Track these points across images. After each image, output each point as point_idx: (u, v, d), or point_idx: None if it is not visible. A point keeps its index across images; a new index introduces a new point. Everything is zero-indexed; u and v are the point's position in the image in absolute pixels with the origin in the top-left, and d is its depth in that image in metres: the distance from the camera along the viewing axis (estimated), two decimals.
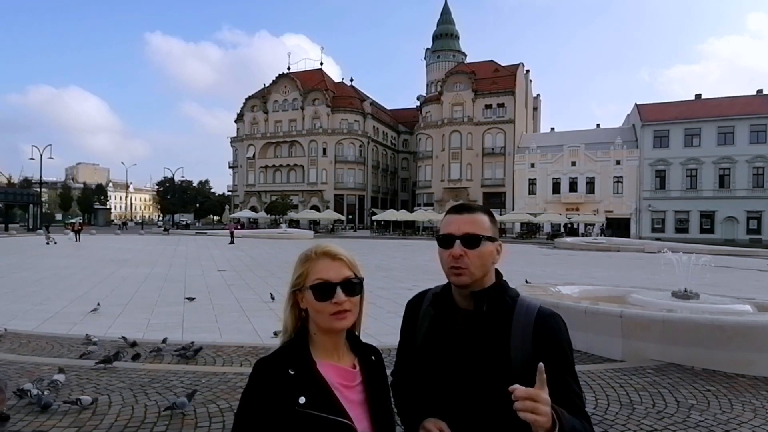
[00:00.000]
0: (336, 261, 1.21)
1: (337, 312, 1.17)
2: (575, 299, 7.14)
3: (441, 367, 1.32)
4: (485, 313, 1.31)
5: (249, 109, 72.35)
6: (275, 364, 1.17)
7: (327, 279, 1.18)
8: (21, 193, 55.03)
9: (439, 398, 1.32)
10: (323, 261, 1.21)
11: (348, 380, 1.20)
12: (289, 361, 1.17)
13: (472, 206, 1.40)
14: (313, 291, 1.18)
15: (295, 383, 1.14)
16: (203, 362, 5.64)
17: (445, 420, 1.29)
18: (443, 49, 75.04)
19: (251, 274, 15.48)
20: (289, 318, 1.24)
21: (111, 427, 3.61)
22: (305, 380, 1.15)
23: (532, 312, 1.31)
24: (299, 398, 1.12)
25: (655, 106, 53.37)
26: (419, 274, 15.71)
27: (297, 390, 1.13)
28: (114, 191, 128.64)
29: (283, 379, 1.14)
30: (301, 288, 1.21)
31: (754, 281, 15.86)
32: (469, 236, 1.31)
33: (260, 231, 48.12)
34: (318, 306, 1.18)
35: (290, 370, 1.15)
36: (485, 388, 1.24)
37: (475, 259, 1.30)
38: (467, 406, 1.28)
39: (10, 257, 20.36)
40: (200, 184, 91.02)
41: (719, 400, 4.36)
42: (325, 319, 1.18)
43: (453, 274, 1.32)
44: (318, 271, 1.20)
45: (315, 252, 1.24)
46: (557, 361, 1.24)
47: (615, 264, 21.86)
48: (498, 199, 56.27)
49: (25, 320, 8.19)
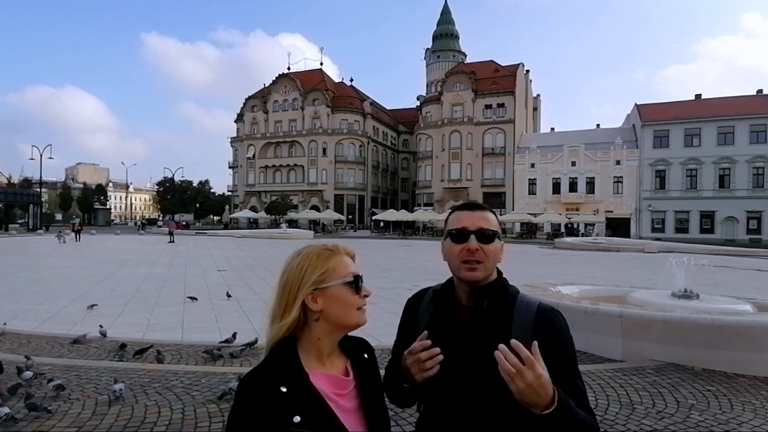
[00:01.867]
0: (353, 258, 1.22)
1: (360, 307, 1.17)
2: (575, 299, 7.14)
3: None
4: (485, 309, 1.32)
5: (249, 109, 72.34)
6: (264, 381, 1.08)
7: (356, 273, 1.18)
8: (21, 193, 54.99)
9: (437, 393, 1.32)
10: (345, 258, 1.20)
11: (341, 388, 1.15)
12: (279, 376, 1.08)
13: (481, 204, 1.42)
14: (347, 286, 1.16)
15: (288, 401, 1.05)
16: (203, 362, 5.64)
17: (444, 415, 1.30)
18: (443, 49, 75.07)
19: (251, 274, 15.49)
20: (292, 321, 1.15)
21: (111, 427, 3.61)
22: (299, 397, 1.06)
23: (532, 308, 1.31)
24: (294, 417, 1.04)
25: (655, 106, 53.37)
26: (419, 274, 15.71)
27: (291, 409, 1.04)
28: (114, 191, 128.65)
29: (274, 398, 1.05)
30: (321, 286, 1.14)
31: (754, 281, 15.85)
32: (484, 231, 1.33)
33: (260, 231, 48.11)
34: (353, 300, 1.16)
35: (282, 387, 1.06)
36: (484, 383, 1.23)
37: (489, 254, 1.32)
38: (466, 402, 1.28)
39: (10, 257, 20.37)
40: (200, 184, 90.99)
41: (719, 400, 4.36)
42: (353, 315, 1.16)
43: (466, 269, 1.32)
44: (345, 265, 1.18)
45: (335, 249, 1.20)
46: (558, 357, 1.23)
47: (615, 264, 21.86)
48: (498, 199, 56.23)
49: (25, 320, 8.19)
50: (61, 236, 31.22)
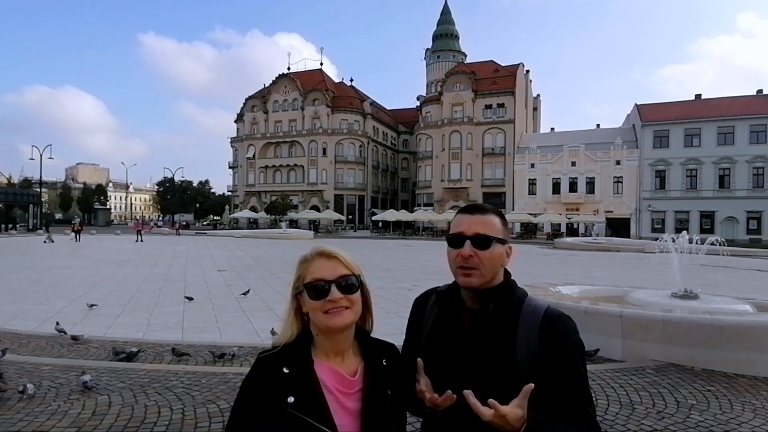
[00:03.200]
0: (331, 260, 1.22)
1: (332, 309, 1.17)
2: (575, 299, 7.14)
3: (445, 364, 1.31)
4: (491, 313, 1.29)
5: (249, 109, 72.35)
6: (273, 361, 1.18)
7: (321, 278, 1.18)
8: (21, 193, 55.01)
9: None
10: (318, 261, 1.22)
11: (346, 387, 1.19)
12: (286, 359, 1.18)
13: (484, 207, 1.37)
14: (307, 290, 1.19)
15: (287, 382, 1.14)
16: (203, 362, 5.63)
17: (448, 419, 1.28)
18: (443, 50, 75.09)
19: (251, 274, 15.47)
20: (294, 323, 1.24)
21: (111, 427, 3.61)
22: (298, 380, 1.15)
23: (538, 312, 1.28)
24: (288, 398, 1.12)
25: (655, 106, 53.37)
26: (419, 275, 15.70)
27: (288, 389, 1.13)
28: (114, 191, 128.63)
29: (276, 377, 1.15)
30: (300, 290, 1.22)
31: (754, 281, 15.85)
32: (480, 237, 1.29)
33: (259, 231, 48.10)
34: (313, 305, 1.18)
35: (285, 368, 1.16)
36: (490, 387, 1.22)
37: (485, 260, 1.28)
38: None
39: (10, 257, 20.36)
40: (200, 184, 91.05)
41: (719, 400, 4.35)
42: (321, 318, 1.18)
43: (461, 275, 1.30)
44: (313, 271, 1.21)
45: (311, 254, 1.25)
46: (564, 365, 1.22)
47: (615, 264, 21.85)
48: (498, 199, 56.22)
49: (25, 320, 8.19)
50: (48, 237, 31.22)
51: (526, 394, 1.13)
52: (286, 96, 70.01)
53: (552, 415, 1.19)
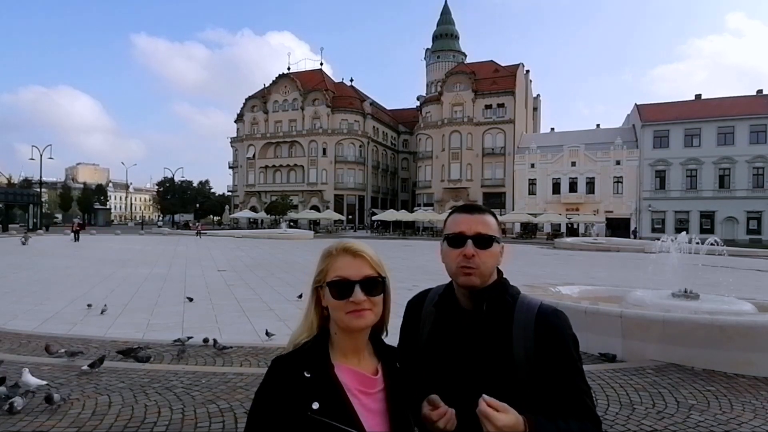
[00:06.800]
0: (357, 258, 1.16)
1: (354, 310, 1.12)
2: (575, 299, 7.14)
3: (445, 367, 1.31)
4: (485, 312, 1.30)
5: (249, 110, 72.35)
6: (291, 365, 1.13)
7: (346, 277, 1.14)
8: (21, 193, 54.96)
9: (442, 397, 1.31)
10: (344, 258, 1.17)
11: (368, 387, 1.15)
12: (306, 362, 1.12)
13: (481, 207, 1.38)
14: (330, 288, 1.15)
15: (309, 387, 1.09)
16: (203, 362, 5.64)
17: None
18: (443, 50, 75.05)
19: (251, 274, 15.48)
20: (314, 316, 1.19)
21: (111, 427, 3.61)
22: (320, 385, 1.09)
23: (532, 309, 1.29)
24: (313, 403, 1.06)
25: (655, 106, 53.36)
26: (419, 275, 15.71)
27: (311, 394, 1.08)
28: (114, 191, 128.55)
29: (297, 382, 1.09)
30: (322, 285, 1.17)
31: (754, 281, 15.84)
32: (482, 236, 1.30)
33: (259, 231, 48.11)
34: (335, 303, 1.14)
35: (306, 372, 1.10)
36: (489, 387, 1.22)
37: (486, 259, 1.29)
38: (469, 408, 1.27)
39: (10, 257, 20.36)
40: (200, 185, 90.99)
41: (719, 400, 4.35)
42: (343, 318, 1.13)
43: (463, 274, 1.30)
44: (337, 268, 1.15)
45: (336, 248, 1.19)
46: (561, 359, 1.23)
47: (615, 264, 21.86)
48: (498, 199, 56.24)
49: (25, 320, 8.20)
50: (26, 237, 29.55)
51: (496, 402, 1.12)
52: (286, 96, 69.99)
53: (552, 411, 1.19)
